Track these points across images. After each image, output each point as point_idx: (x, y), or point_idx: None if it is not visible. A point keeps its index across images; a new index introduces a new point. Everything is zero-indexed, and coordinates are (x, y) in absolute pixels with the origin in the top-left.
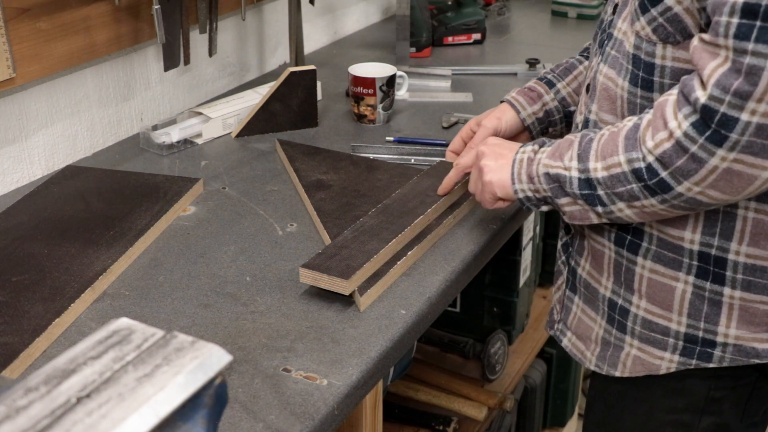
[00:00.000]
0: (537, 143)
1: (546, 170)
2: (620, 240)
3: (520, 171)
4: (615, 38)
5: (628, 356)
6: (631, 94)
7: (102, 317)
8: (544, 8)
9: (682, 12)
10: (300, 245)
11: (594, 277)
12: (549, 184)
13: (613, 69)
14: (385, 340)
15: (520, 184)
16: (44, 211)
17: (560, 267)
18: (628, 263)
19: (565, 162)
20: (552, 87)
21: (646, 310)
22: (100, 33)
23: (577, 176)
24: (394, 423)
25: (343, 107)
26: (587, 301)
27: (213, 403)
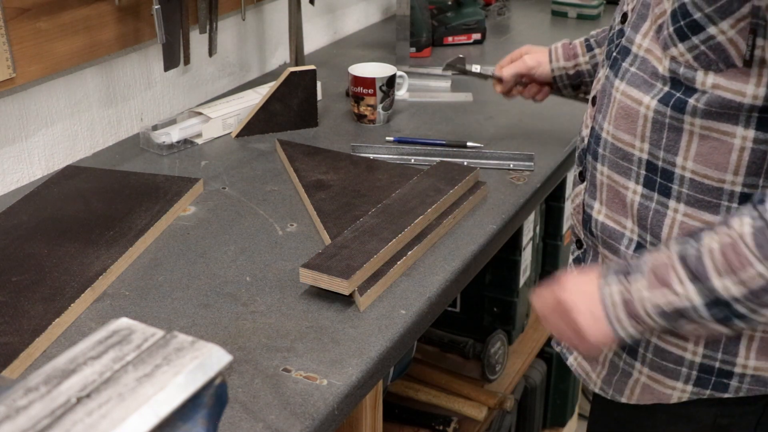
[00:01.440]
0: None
1: (658, 308)
2: None
3: (618, 314)
4: (635, 55)
5: (636, 383)
6: (658, 114)
7: (102, 317)
8: (544, 8)
9: (725, 42)
10: (300, 245)
11: None
12: (669, 321)
13: (635, 87)
14: (385, 340)
15: (622, 328)
16: (44, 211)
17: None
18: None
19: (677, 289)
20: (590, 51)
21: (660, 338)
22: (100, 33)
23: (702, 302)
24: (394, 423)
25: (343, 107)
26: None
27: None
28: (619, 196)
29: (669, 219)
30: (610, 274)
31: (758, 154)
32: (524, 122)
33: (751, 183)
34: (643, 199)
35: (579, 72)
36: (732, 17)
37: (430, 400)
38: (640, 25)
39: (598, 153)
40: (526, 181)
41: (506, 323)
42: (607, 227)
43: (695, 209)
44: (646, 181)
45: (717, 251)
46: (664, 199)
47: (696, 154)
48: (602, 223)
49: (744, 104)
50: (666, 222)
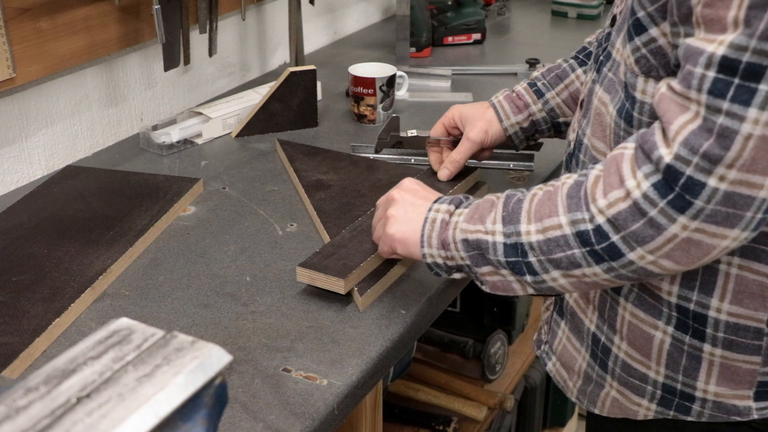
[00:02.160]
0: (454, 201)
1: (464, 236)
2: None
3: (431, 234)
4: (613, 59)
5: (607, 396)
6: (616, 125)
7: (102, 317)
8: (544, 8)
9: (666, 45)
10: (300, 245)
11: (580, 307)
12: (468, 252)
13: (608, 93)
14: (385, 340)
15: (429, 249)
16: (44, 211)
17: None
18: (612, 302)
19: (488, 225)
20: (541, 97)
21: (627, 354)
22: (100, 33)
23: (502, 241)
24: (394, 423)
25: (343, 107)
26: (573, 330)
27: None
28: None
29: None
30: (446, 200)
31: None
32: None
33: None
34: None
35: (534, 122)
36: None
37: (430, 400)
38: (621, 27)
39: (580, 159)
40: (526, 181)
41: (506, 323)
42: None
43: None
44: None
45: (537, 198)
46: None
47: None
48: None
49: None
50: None
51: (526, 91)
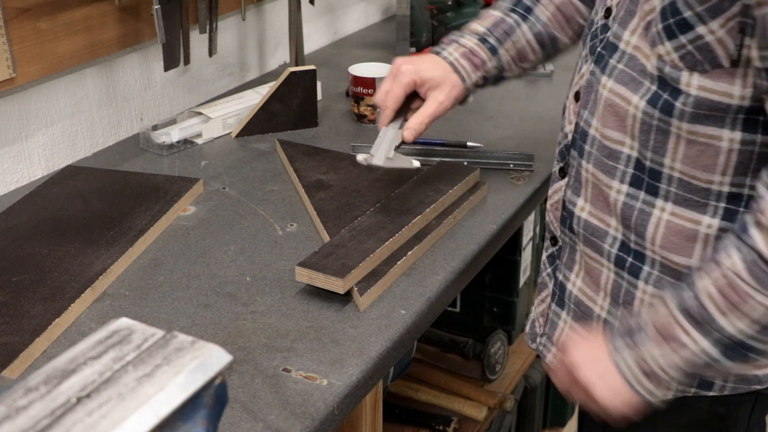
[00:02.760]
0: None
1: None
2: (620, 261)
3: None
4: (622, 51)
5: None
6: (647, 115)
7: (102, 317)
8: None
9: (714, 42)
10: (300, 245)
11: (587, 295)
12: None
13: (623, 85)
14: (385, 340)
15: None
16: (44, 211)
17: (545, 279)
18: (629, 286)
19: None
20: (495, 54)
21: None
22: (100, 33)
23: (717, 351)
24: (394, 423)
25: (343, 107)
26: (578, 319)
27: (213, 403)
28: (603, 194)
29: (655, 218)
30: (616, 338)
31: (745, 155)
32: (524, 122)
33: (738, 183)
34: (628, 198)
35: (486, 78)
36: (722, 16)
37: (430, 400)
38: (628, 21)
39: (584, 150)
40: (526, 181)
41: (506, 323)
42: (591, 225)
43: (683, 208)
44: (632, 180)
45: (716, 294)
46: (650, 198)
47: (684, 156)
48: (585, 220)
49: (731, 105)
50: (651, 221)
51: (480, 48)
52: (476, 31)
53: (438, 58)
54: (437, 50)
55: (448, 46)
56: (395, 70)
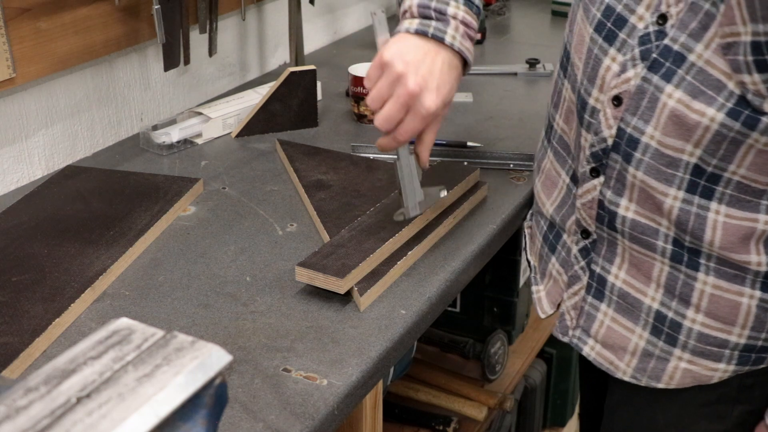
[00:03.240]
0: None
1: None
2: (676, 256)
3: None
4: (692, 63)
5: (676, 369)
6: (724, 127)
7: (102, 317)
8: (544, 8)
9: None
10: (300, 245)
11: (634, 287)
12: None
13: (692, 97)
14: (385, 340)
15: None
16: (44, 211)
17: (577, 272)
18: (687, 278)
19: None
20: (479, 13)
21: (704, 324)
22: (100, 33)
23: None
24: (394, 423)
25: (343, 107)
26: (622, 311)
27: (213, 403)
28: (653, 199)
29: (710, 221)
30: None
31: None
32: (524, 122)
33: None
34: (684, 204)
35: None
36: None
37: (430, 400)
38: (701, 34)
39: (633, 156)
40: (526, 181)
41: (506, 323)
42: (639, 223)
43: (736, 209)
44: (689, 186)
45: None
46: (705, 201)
47: (750, 163)
48: (632, 219)
49: None
50: (708, 224)
51: (472, 18)
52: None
53: (449, 55)
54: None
55: (446, 27)
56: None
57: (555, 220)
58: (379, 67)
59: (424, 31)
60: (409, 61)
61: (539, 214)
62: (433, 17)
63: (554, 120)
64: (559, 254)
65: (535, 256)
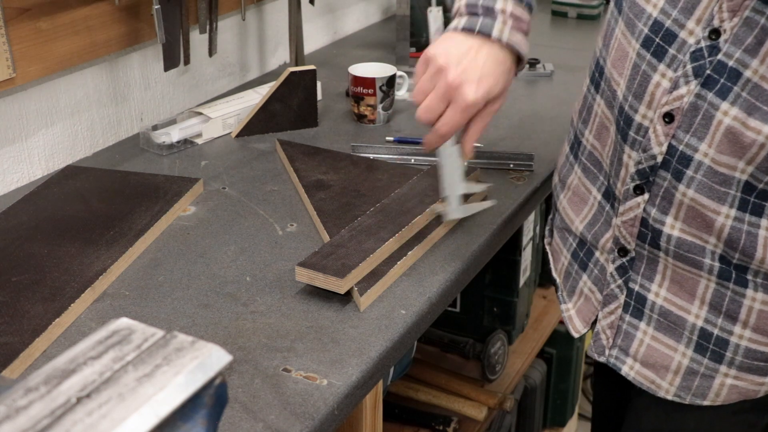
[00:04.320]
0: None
1: None
2: (724, 273)
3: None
4: (748, 79)
5: (722, 386)
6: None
7: (102, 317)
8: (544, 8)
9: None
10: (300, 245)
11: (677, 305)
12: None
13: (747, 113)
14: (385, 340)
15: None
16: (44, 211)
17: (614, 291)
18: (734, 295)
19: None
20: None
21: (751, 340)
22: (100, 33)
23: None
24: (394, 423)
25: (343, 107)
26: (663, 329)
27: (213, 403)
28: (702, 216)
29: (761, 239)
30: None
31: None
32: (524, 122)
33: None
34: (736, 222)
35: None
36: None
37: (430, 400)
38: (756, 49)
39: (685, 174)
40: (526, 181)
41: (506, 323)
42: (686, 241)
43: None
44: (740, 204)
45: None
46: (755, 219)
47: None
48: (678, 237)
49: None
50: (759, 242)
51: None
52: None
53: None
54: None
55: (493, 22)
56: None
57: (586, 237)
58: (424, 62)
59: (471, 28)
60: (451, 54)
61: (566, 231)
62: (480, 13)
63: (583, 136)
64: (591, 272)
65: (560, 273)
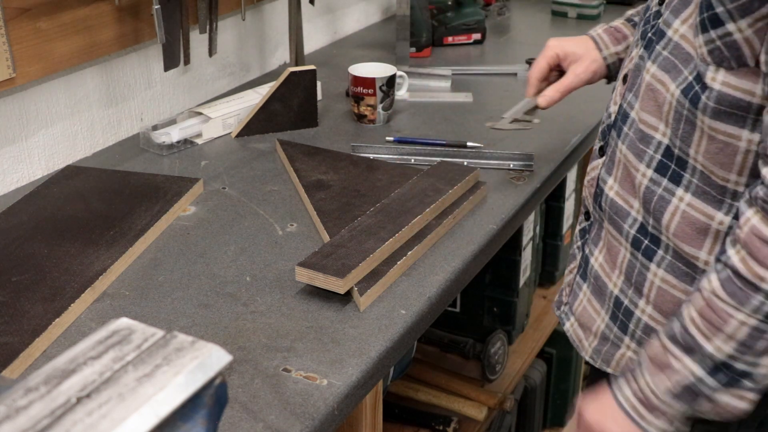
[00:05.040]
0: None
1: (668, 392)
2: (637, 242)
3: (640, 413)
4: (669, 38)
5: (623, 357)
6: (679, 104)
7: (102, 317)
8: (544, 8)
9: (741, 40)
10: (300, 245)
11: (605, 271)
12: (685, 402)
13: (665, 72)
14: (385, 340)
15: (649, 424)
16: (44, 211)
17: (575, 251)
18: (641, 267)
19: (676, 366)
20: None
21: (651, 317)
22: (100, 33)
23: (703, 371)
24: (394, 423)
25: (343, 107)
26: (595, 293)
27: (213, 403)
28: (630, 176)
29: (672, 206)
30: (619, 380)
31: None
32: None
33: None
34: (651, 183)
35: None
36: (751, 16)
37: (430, 400)
38: (681, 9)
39: (623, 131)
40: (526, 181)
41: (506, 323)
42: (616, 204)
43: (700, 201)
44: (658, 166)
45: (697, 317)
46: (672, 186)
47: (705, 151)
48: (612, 199)
49: (753, 104)
50: (668, 209)
51: (624, 26)
52: (626, 15)
53: (585, 37)
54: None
55: (598, 27)
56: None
57: None
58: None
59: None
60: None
61: None
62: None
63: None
64: None
65: None
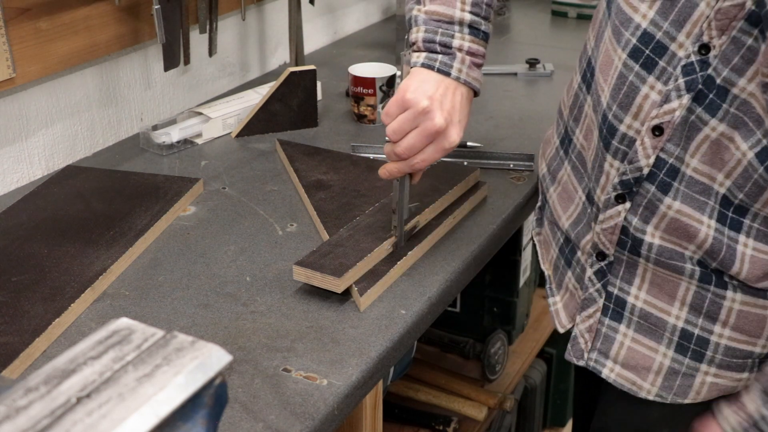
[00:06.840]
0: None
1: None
2: (706, 278)
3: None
4: (735, 96)
5: (703, 384)
6: (751, 167)
7: (102, 317)
8: (544, 8)
9: None
10: (300, 245)
11: (657, 307)
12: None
13: (734, 129)
14: (385, 340)
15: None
16: (44, 211)
17: (593, 295)
18: (714, 297)
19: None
20: (487, 39)
21: (731, 338)
22: (100, 33)
23: None
24: (394, 423)
25: (343, 107)
26: (643, 331)
27: (213, 403)
28: (686, 228)
29: (739, 253)
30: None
31: None
32: (524, 122)
33: None
34: (717, 233)
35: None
36: None
37: (430, 400)
38: (745, 68)
39: (671, 186)
40: (526, 181)
41: (506, 323)
42: (666, 249)
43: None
44: (719, 216)
45: None
46: (734, 234)
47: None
48: (659, 245)
49: None
50: (737, 256)
51: (480, 46)
52: (462, 20)
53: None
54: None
55: (452, 61)
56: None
57: (570, 235)
58: (400, 104)
59: (431, 65)
60: (432, 96)
61: (555, 225)
62: (439, 51)
63: (574, 134)
64: (574, 270)
65: (550, 265)
